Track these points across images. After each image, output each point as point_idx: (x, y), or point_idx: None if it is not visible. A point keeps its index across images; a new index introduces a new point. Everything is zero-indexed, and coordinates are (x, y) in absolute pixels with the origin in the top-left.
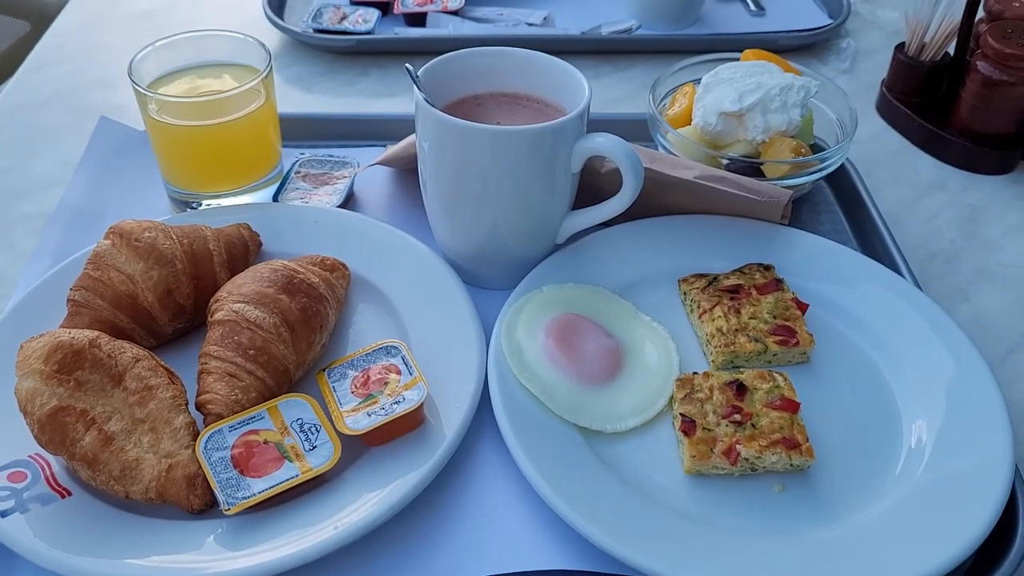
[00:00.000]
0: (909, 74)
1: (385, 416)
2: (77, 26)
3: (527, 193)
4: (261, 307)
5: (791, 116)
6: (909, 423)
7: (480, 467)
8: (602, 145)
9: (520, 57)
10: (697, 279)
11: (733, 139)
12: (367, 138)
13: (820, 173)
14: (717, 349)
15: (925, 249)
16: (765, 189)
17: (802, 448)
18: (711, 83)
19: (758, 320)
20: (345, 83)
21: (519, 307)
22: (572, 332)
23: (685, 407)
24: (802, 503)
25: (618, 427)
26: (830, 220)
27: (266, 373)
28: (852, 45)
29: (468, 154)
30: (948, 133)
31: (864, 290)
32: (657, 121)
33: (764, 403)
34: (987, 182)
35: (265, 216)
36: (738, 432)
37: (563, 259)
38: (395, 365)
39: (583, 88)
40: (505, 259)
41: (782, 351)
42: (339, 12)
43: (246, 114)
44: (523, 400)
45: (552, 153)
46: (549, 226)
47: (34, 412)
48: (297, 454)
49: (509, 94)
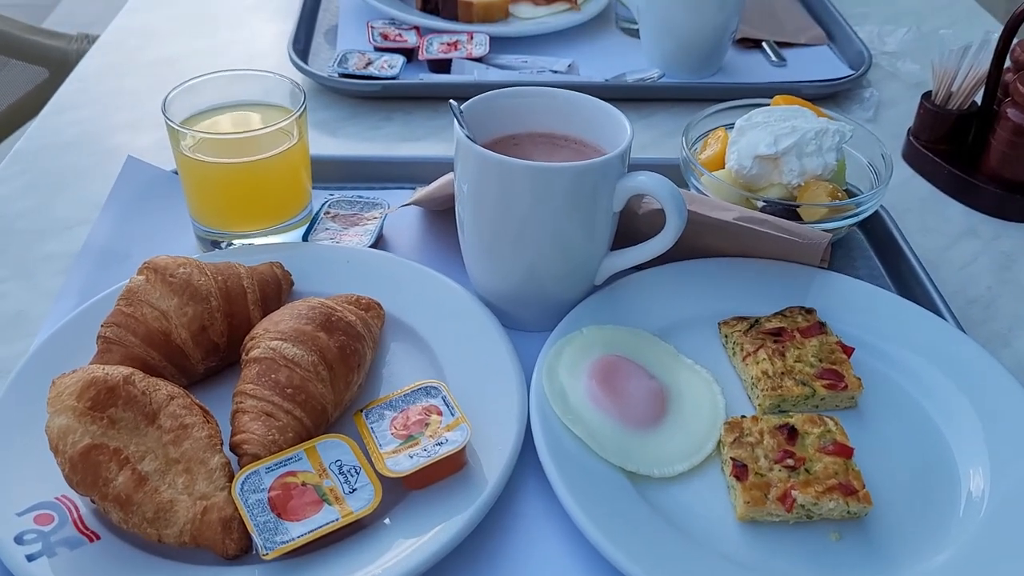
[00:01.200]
0: (936, 122)
1: (428, 458)
2: (99, 70)
3: (567, 232)
4: (299, 344)
5: (827, 160)
6: (966, 469)
7: (525, 512)
8: (645, 184)
9: (559, 97)
10: (738, 322)
11: (767, 183)
12: (396, 180)
13: (856, 217)
14: (764, 392)
15: (963, 295)
16: (805, 232)
17: (859, 494)
18: (745, 127)
19: (804, 363)
20: (370, 127)
21: (559, 348)
22: (615, 374)
23: (735, 451)
24: (860, 552)
25: (666, 472)
26: (866, 266)
27: (304, 413)
28: (875, 95)
29: (508, 191)
30: (978, 180)
31: (907, 334)
32: (691, 163)
33: (816, 448)
34: (1019, 229)
35: (296, 255)
36: (792, 477)
37: (601, 300)
38: (436, 406)
39: (624, 128)
40: (542, 300)
41: (830, 395)
42: (364, 58)
43: (279, 152)
44: (568, 444)
45: (594, 191)
46: (588, 267)
47: (66, 450)
48: (336, 497)
49: (546, 134)
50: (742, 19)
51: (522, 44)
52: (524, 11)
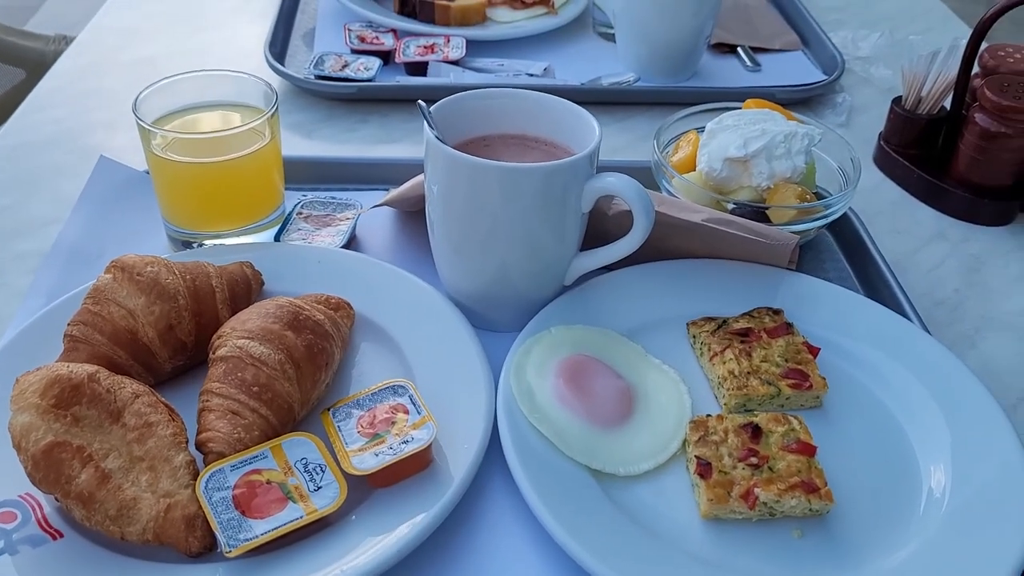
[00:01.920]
0: (906, 127)
1: (393, 456)
2: (77, 70)
3: (537, 232)
4: (266, 343)
5: (795, 163)
6: (927, 467)
7: (490, 510)
8: (613, 185)
9: (529, 99)
10: (706, 322)
11: (737, 185)
12: (369, 182)
13: (825, 219)
14: (730, 392)
15: (930, 297)
16: (773, 233)
17: (821, 492)
18: (716, 129)
19: (770, 363)
20: (346, 129)
21: (528, 348)
22: (583, 373)
23: (700, 449)
24: (822, 549)
25: (631, 470)
26: (834, 268)
27: (270, 411)
28: (848, 100)
29: (478, 192)
30: (947, 184)
31: (873, 335)
32: (662, 166)
33: (780, 446)
34: (987, 233)
35: (267, 255)
36: (755, 475)
37: (571, 301)
38: (402, 404)
39: (593, 129)
40: (512, 301)
41: (795, 394)
42: (341, 60)
43: (251, 152)
44: (534, 442)
45: (563, 192)
46: (557, 267)
47: (28, 448)
48: (301, 495)
49: (517, 136)
50: (717, 24)
51: (499, 47)
52: (501, 15)
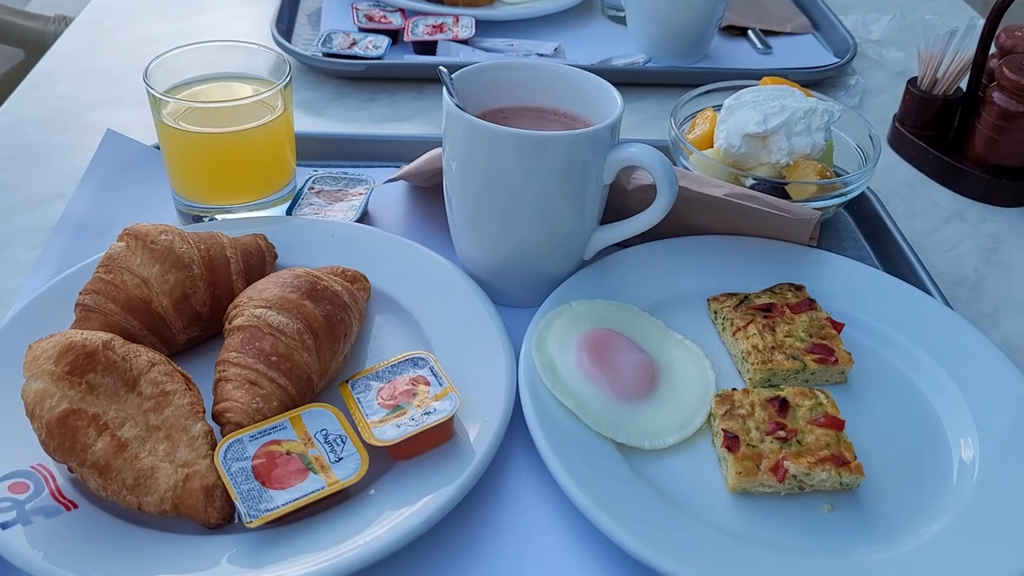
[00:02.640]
0: (922, 108)
1: (416, 427)
2: (77, 49)
3: (557, 205)
4: (284, 312)
5: (815, 139)
6: (956, 440)
7: (513, 482)
8: (636, 155)
9: (549, 71)
10: (728, 298)
11: (756, 162)
12: (380, 159)
13: (844, 197)
14: (754, 367)
15: (949, 276)
16: (795, 209)
17: (851, 465)
18: (734, 105)
19: (794, 339)
20: (355, 108)
21: (549, 321)
22: (606, 346)
23: (727, 423)
24: (853, 523)
25: (657, 444)
26: (853, 247)
27: (288, 381)
28: (861, 82)
29: (498, 162)
30: (964, 165)
31: (896, 311)
32: (680, 142)
33: (808, 420)
34: (1005, 214)
35: (281, 229)
36: (784, 449)
37: (590, 276)
38: (423, 376)
39: (615, 100)
40: (531, 275)
41: (820, 369)
42: (349, 38)
43: (263, 124)
44: (557, 415)
45: (585, 162)
46: (577, 241)
47: (42, 415)
48: (322, 466)
49: (536, 108)
50: (728, 7)
51: (508, 28)
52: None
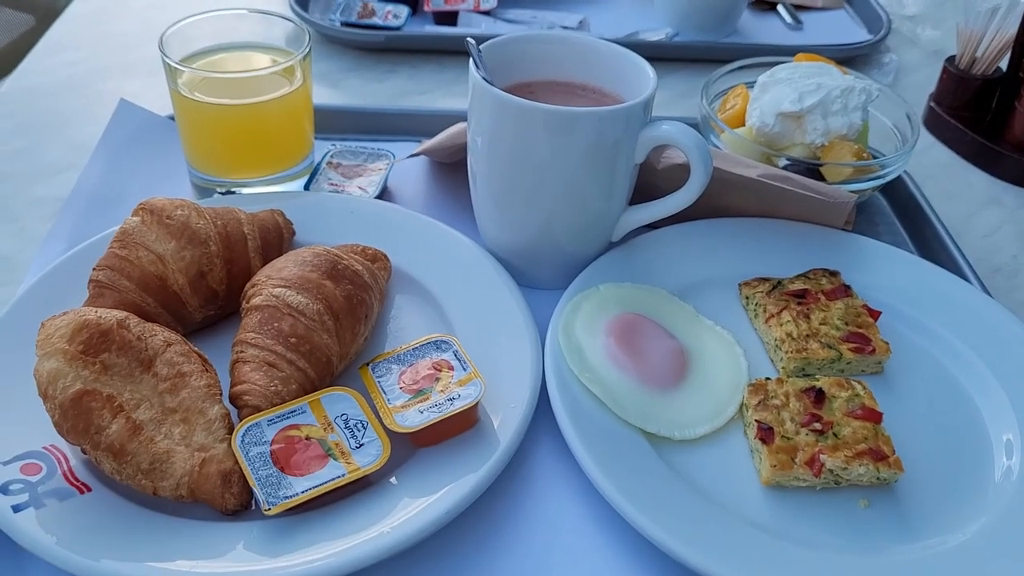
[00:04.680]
0: (960, 88)
1: (440, 413)
2: (90, 13)
3: (585, 184)
4: (304, 292)
5: (852, 119)
6: (999, 435)
7: (539, 471)
8: (669, 133)
9: (578, 43)
10: (760, 283)
11: (790, 142)
12: (401, 133)
13: (881, 180)
14: (788, 355)
15: (987, 263)
16: (830, 191)
17: (890, 460)
18: (768, 83)
19: (829, 326)
20: (374, 79)
21: (576, 304)
22: (635, 332)
23: (760, 414)
24: (890, 520)
25: (687, 434)
26: (888, 231)
27: (308, 364)
28: (894, 60)
29: (525, 138)
30: (1002, 148)
31: (934, 299)
32: (711, 119)
33: (844, 412)
34: None
35: (299, 204)
36: (820, 442)
37: (618, 258)
38: (446, 361)
39: (648, 76)
40: (557, 256)
41: (857, 359)
42: (368, 7)
43: (282, 95)
44: (584, 402)
45: (616, 140)
46: (606, 222)
47: (56, 396)
48: (342, 452)
49: (564, 83)
50: None
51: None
52: None
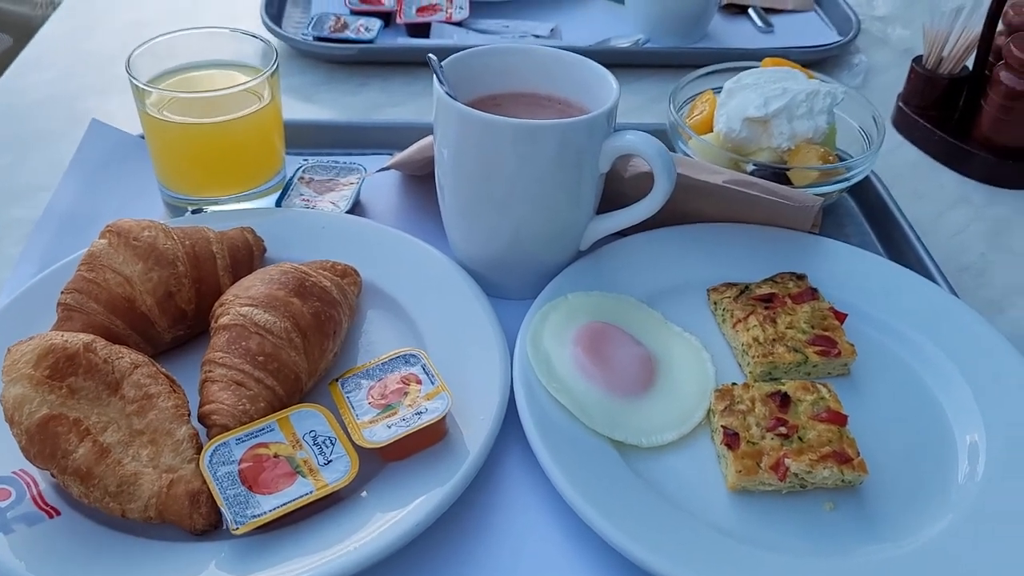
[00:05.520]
0: (927, 87)
1: (407, 428)
2: (65, 33)
3: (552, 194)
4: (271, 311)
5: (818, 123)
6: (962, 436)
7: (508, 483)
8: (633, 143)
9: (543, 56)
10: (728, 288)
11: (757, 147)
12: (373, 146)
13: (848, 182)
14: (755, 359)
15: (955, 262)
16: (796, 195)
17: (854, 462)
18: (735, 88)
19: (795, 330)
20: (347, 93)
21: (544, 314)
22: (602, 341)
23: (726, 419)
24: (856, 522)
25: (654, 441)
26: (857, 232)
27: (276, 382)
28: (864, 61)
29: (491, 151)
30: (970, 146)
31: (901, 300)
32: (679, 126)
33: (809, 415)
34: (1012, 196)
35: (269, 221)
36: (785, 446)
37: (587, 266)
38: (414, 374)
39: (611, 86)
40: (526, 266)
41: (823, 362)
42: (340, 21)
43: (250, 113)
44: (552, 412)
45: (580, 151)
46: (573, 231)
47: (22, 421)
48: (311, 469)
49: (530, 94)
50: None
51: (504, 9)
52: None
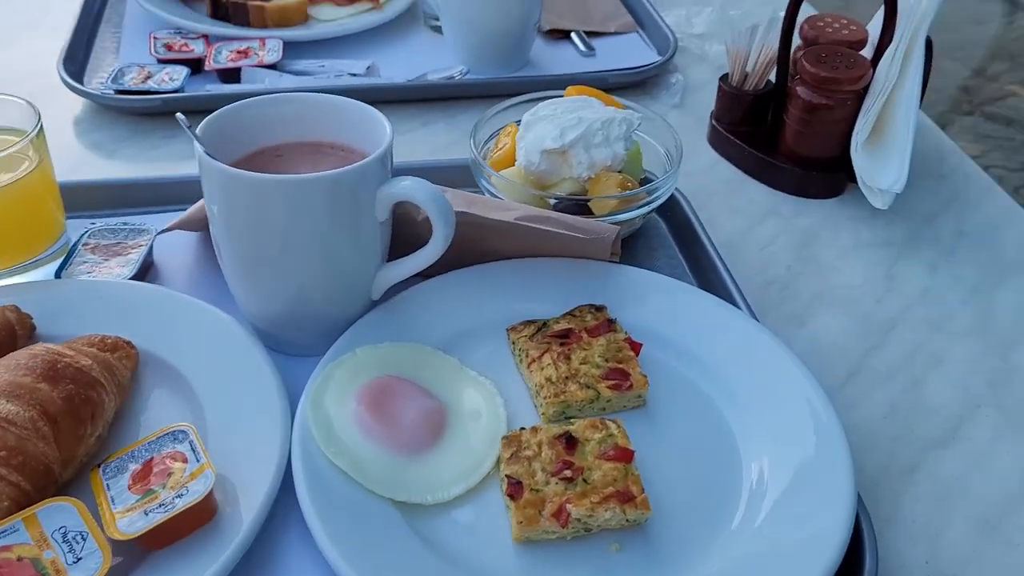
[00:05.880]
0: (734, 104)
1: (165, 513)
2: None
3: (331, 247)
4: (14, 400)
5: (615, 150)
6: (749, 463)
7: (285, 561)
8: (406, 189)
9: (320, 102)
10: (526, 326)
11: (559, 177)
12: (168, 203)
13: (649, 206)
14: (547, 400)
15: (762, 277)
16: (592, 227)
17: (637, 501)
18: (531, 121)
19: (589, 365)
20: (150, 147)
21: (328, 374)
22: (387, 396)
23: (512, 467)
24: (641, 561)
25: (440, 497)
26: (666, 255)
27: (21, 477)
28: (681, 80)
29: (260, 209)
30: (777, 160)
31: (699, 325)
32: (479, 165)
33: (596, 455)
34: (819, 206)
35: (40, 295)
36: (568, 490)
37: (381, 316)
38: (181, 452)
39: (385, 130)
40: (316, 321)
41: (616, 396)
42: (143, 71)
43: (16, 179)
44: (332, 479)
45: (354, 201)
46: (361, 282)
47: None
48: (57, 570)
49: (312, 143)
50: (550, 10)
51: (323, 47)
52: (325, 12)
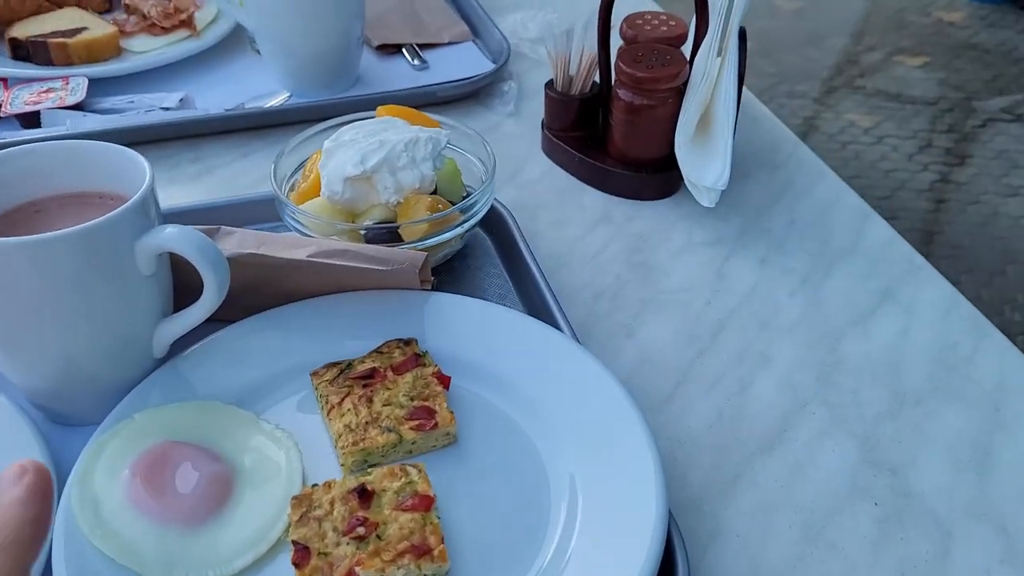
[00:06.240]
0: (562, 110)
1: None
2: None
3: (94, 309)
4: None
5: (423, 171)
6: (560, 496)
7: None
8: (169, 239)
9: (77, 149)
10: (328, 370)
11: (368, 205)
12: None
13: (465, 225)
14: (345, 450)
15: (591, 289)
16: (394, 256)
17: (434, 554)
18: (332, 148)
19: (393, 406)
20: None
21: (100, 447)
22: (164, 466)
23: (299, 531)
24: None
25: (223, 572)
26: (493, 274)
27: None
28: (514, 87)
29: (4, 275)
30: (608, 164)
31: (515, 350)
32: (281, 201)
33: (393, 506)
34: (651, 208)
35: None
36: (360, 550)
37: (166, 375)
38: None
39: (143, 173)
40: (93, 388)
41: (421, 437)
42: None
43: None
44: (99, 566)
45: (111, 256)
46: (138, 341)
47: None
48: None
49: (78, 194)
50: (382, 24)
51: (135, 81)
52: (139, 44)
